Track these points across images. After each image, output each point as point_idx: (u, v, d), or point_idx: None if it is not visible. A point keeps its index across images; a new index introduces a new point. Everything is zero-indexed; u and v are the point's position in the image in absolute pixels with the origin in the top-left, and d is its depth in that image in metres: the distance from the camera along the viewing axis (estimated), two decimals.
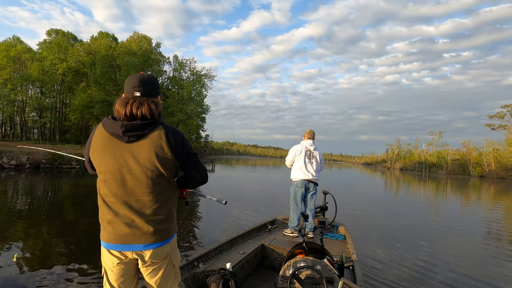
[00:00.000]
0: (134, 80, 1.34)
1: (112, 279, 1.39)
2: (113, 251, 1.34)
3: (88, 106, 37.76)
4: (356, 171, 56.06)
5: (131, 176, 1.30)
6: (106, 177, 1.32)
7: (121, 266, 1.37)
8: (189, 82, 40.88)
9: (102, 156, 1.32)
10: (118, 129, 1.28)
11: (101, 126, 1.35)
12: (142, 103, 1.32)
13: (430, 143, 75.48)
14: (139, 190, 1.31)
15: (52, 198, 9.39)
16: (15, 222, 6.06)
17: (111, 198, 1.32)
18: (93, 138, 1.36)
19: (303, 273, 2.08)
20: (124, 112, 1.30)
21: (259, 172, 31.96)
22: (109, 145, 1.31)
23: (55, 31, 49.60)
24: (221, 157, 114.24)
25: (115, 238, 1.32)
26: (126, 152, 1.30)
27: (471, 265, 5.11)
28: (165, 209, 1.37)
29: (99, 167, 1.33)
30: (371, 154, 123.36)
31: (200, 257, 2.79)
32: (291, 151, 4.45)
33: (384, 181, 30.58)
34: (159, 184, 1.34)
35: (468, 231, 7.87)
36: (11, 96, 42.75)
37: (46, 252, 4.50)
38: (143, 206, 1.32)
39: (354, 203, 11.84)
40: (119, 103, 1.33)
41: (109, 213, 1.32)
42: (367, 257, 4.94)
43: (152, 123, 1.33)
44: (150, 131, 1.32)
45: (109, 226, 1.33)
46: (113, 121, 1.32)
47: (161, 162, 1.32)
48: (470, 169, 58.38)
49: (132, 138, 1.30)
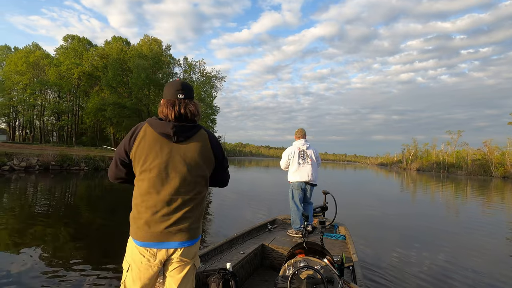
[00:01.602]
0: (177, 85, 1.45)
1: (136, 277, 1.42)
2: (147, 250, 1.37)
3: (100, 108, 38.58)
4: (371, 172, 54.78)
5: (176, 174, 1.37)
6: (152, 174, 1.36)
7: (148, 266, 1.40)
8: (199, 84, 41.10)
9: (148, 154, 1.37)
10: (169, 129, 1.36)
11: (147, 126, 1.40)
12: (188, 103, 1.43)
13: (448, 143, 72.86)
14: (183, 188, 1.38)
15: (64, 199, 9.49)
16: (30, 222, 6.15)
17: (154, 196, 1.36)
18: (138, 136, 1.39)
19: (303, 273, 2.07)
20: (174, 113, 1.39)
21: (268, 173, 31.64)
22: (157, 143, 1.37)
23: (71, 37, 51.19)
24: (234, 158, 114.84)
25: (151, 237, 1.35)
26: (174, 151, 1.38)
27: (471, 265, 5.09)
28: (200, 207, 1.47)
29: (144, 165, 1.37)
30: (386, 154, 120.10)
31: (200, 257, 2.75)
32: (285, 154, 4.41)
33: (398, 182, 29.57)
34: (200, 183, 1.44)
35: (475, 233, 7.67)
36: (31, 101, 44.41)
37: (63, 252, 4.58)
38: (184, 204, 1.38)
39: (369, 203, 11.54)
40: (166, 105, 1.41)
41: (148, 211, 1.36)
42: (367, 257, 4.95)
43: (197, 126, 1.45)
44: (196, 133, 1.43)
45: (146, 225, 1.36)
46: (163, 121, 1.40)
47: (205, 163, 1.44)
48: (492, 169, 55.74)
49: (181, 138, 1.39)
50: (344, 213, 8.71)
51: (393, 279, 4.13)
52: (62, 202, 8.88)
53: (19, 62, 44.73)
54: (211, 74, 42.92)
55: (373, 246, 5.77)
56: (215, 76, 42.92)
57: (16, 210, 7.32)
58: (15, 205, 7.86)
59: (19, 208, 7.52)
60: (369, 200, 13.21)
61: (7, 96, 45.88)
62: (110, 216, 7.55)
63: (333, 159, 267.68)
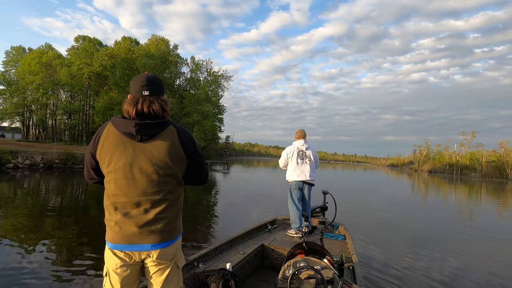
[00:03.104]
0: (142, 80, 1.35)
1: (114, 281, 1.36)
2: (118, 253, 1.33)
3: (109, 108, 39.10)
4: (381, 173, 53.78)
5: (142, 174, 1.30)
6: (117, 176, 1.31)
7: (124, 269, 1.35)
8: (205, 83, 41.13)
9: (112, 154, 1.31)
10: (131, 128, 1.29)
11: (110, 125, 1.34)
12: (152, 101, 1.34)
13: (462, 144, 70.69)
14: (151, 189, 1.31)
15: (70, 196, 9.56)
16: (36, 219, 6.21)
17: (121, 198, 1.31)
18: (101, 137, 1.33)
19: (303, 273, 2.05)
20: (135, 111, 1.31)
21: (274, 173, 31.35)
22: (120, 144, 1.31)
23: (82, 37, 52.17)
24: (242, 158, 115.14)
25: (122, 238, 1.31)
26: (138, 150, 1.31)
27: (471, 265, 5.07)
28: (174, 207, 1.38)
29: (109, 166, 1.32)
30: (397, 155, 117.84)
31: (200, 257, 2.79)
32: (284, 153, 4.49)
33: (408, 183, 28.78)
34: (170, 183, 1.36)
35: (473, 236, 7.49)
36: (43, 100, 45.46)
37: (70, 250, 4.62)
38: (154, 205, 1.32)
39: (375, 204, 11.41)
40: (128, 103, 1.34)
41: (117, 213, 1.32)
42: (367, 257, 4.94)
43: (164, 123, 1.35)
44: (162, 130, 1.34)
45: (116, 226, 1.31)
46: (125, 120, 1.32)
47: (174, 161, 1.35)
48: (508, 171, 53.77)
49: (145, 137, 1.31)
50: (347, 213, 8.46)
51: (393, 279, 4.12)
52: (62, 199, 8.87)
53: (33, 63, 45.85)
54: (218, 73, 42.92)
55: (373, 246, 5.72)
56: (222, 75, 42.93)
57: (17, 206, 7.36)
58: (17, 202, 7.90)
59: (22, 205, 7.57)
60: (376, 201, 13.02)
61: (21, 95, 47.13)
62: (101, 215, 7.46)
63: (343, 160, 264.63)
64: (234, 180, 18.87)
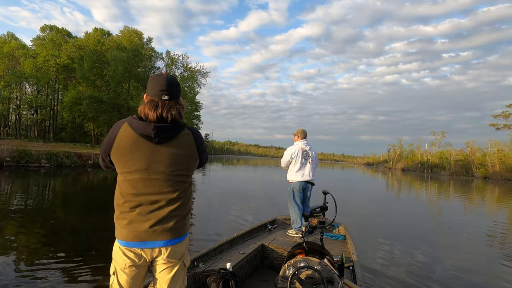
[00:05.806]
0: (161, 84, 1.36)
1: (122, 280, 1.39)
2: (128, 253, 1.35)
3: (76, 102, 36.79)
4: (357, 171, 55.01)
5: (159, 176, 1.34)
6: (134, 177, 1.33)
7: (132, 269, 1.38)
8: (181, 79, 39.73)
9: (129, 156, 1.33)
10: (150, 131, 1.31)
11: (127, 126, 1.34)
12: (171, 106, 1.37)
13: (433, 143, 73.80)
14: (166, 189, 1.36)
15: (22, 198, 8.46)
16: None
17: (136, 197, 1.33)
18: (117, 137, 1.34)
19: (303, 273, 2.04)
20: (155, 116, 1.33)
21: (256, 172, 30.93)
22: (137, 145, 1.33)
23: (49, 27, 48.87)
24: (222, 156, 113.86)
25: (135, 236, 1.33)
26: (155, 153, 1.34)
27: (471, 266, 5.05)
28: (187, 206, 1.44)
29: (125, 167, 1.34)
30: (373, 154, 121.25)
31: (200, 257, 2.79)
32: (287, 153, 4.44)
33: (383, 182, 29.38)
34: (185, 182, 1.42)
35: (470, 233, 7.66)
36: (5, 94, 42.07)
37: (39, 254, 4.31)
38: (169, 203, 1.36)
39: (354, 203, 11.45)
40: (149, 107, 1.34)
41: (132, 211, 1.33)
42: (367, 257, 4.94)
43: (181, 126, 1.40)
44: (179, 133, 1.39)
45: (130, 225, 1.33)
46: (143, 122, 1.34)
47: (190, 163, 1.42)
48: (473, 170, 56.71)
49: (163, 139, 1.34)
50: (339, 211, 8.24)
51: (393, 279, 4.12)
52: (9, 201, 7.82)
53: None
54: (195, 69, 41.66)
55: (373, 246, 5.73)
56: (199, 71, 41.66)
57: None
58: None
59: None
60: (358, 199, 12.99)
61: None
62: (61, 217, 6.58)
63: (321, 158, 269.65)
64: (214, 179, 18.24)
